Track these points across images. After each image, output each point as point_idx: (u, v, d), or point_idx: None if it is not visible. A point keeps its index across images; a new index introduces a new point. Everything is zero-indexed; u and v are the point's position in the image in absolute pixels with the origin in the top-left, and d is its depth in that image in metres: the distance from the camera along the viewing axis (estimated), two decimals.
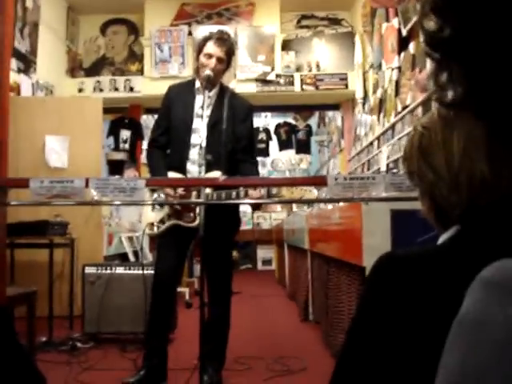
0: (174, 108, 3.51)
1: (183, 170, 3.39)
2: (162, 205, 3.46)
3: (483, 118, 0.51)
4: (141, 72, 8.72)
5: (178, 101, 3.52)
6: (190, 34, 8.58)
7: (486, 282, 0.45)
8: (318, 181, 3.10)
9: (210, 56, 3.38)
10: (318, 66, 8.65)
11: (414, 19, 5.40)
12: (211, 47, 3.38)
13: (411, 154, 1.13)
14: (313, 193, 2.95)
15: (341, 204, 3.76)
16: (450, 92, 0.52)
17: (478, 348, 0.43)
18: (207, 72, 3.34)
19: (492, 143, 0.57)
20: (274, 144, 11.49)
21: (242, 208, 3.92)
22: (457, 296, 0.51)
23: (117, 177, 3.60)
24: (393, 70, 6.34)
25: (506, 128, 0.49)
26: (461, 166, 1.01)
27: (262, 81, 8.47)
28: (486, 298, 0.44)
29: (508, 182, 0.92)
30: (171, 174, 3.38)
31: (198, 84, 3.50)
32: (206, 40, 3.42)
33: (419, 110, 5.21)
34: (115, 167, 8.56)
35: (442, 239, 1.03)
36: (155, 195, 3.44)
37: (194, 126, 3.43)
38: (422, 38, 0.54)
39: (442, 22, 0.50)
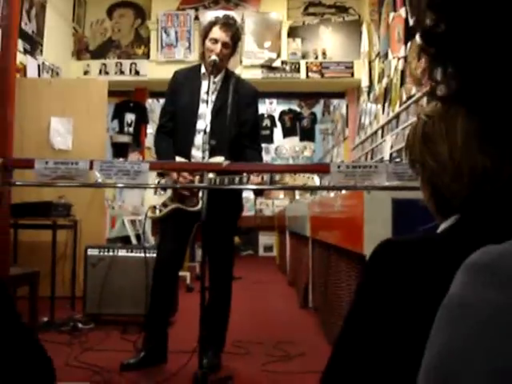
0: (179, 93, 3.51)
1: (188, 156, 3.40)
2: (165, 189, 3.47)
3: (475, 114, 0.52)
4: (147, 56, 8.71)
5: (183, 86, 3.52)
6: (196, 18, 8.56)
7: (471, 266, 0.47)
8: (321, 168, 3.12)
9: (215, 41, 3.38)
10: (324, 53, 8.63)
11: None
12: (217, 32, 3.38)
13: (414, 142, 1.13)
14: (314, 181, 2.96)
15: (343, 192, 3.77)
16: (444, 86, 0.53)
17: (461, 328, 0.44)
18: (213, 57, 3.34)
19: (487, 138, 0.59)
20: (278, 131, 11.50)
21: (244, 194, 3.93)
22: (450, 282, 0.52)
23: (121, 159, 3.61)
24: (399, 59, 6.33)
25: (499, 124, 0.50)
26: (463, 155, 1.02)
27: (268, 67, 8.46)
28: (470, 280, 0.46)
29: (509, 173, 0.94)
30: (176, 159, 3.39)
31: (203, 69, 3.50)
32: (211, 25, 3.42)
33: (424, 100, 5.21)
34: (120, 150, 8.56)
35: (441, 227, 1.04)
36: (162, 180, 3.46)
37: (199, 111, 3.44)
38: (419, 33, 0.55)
39: (437, 18, 0.51)
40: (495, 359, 0.41)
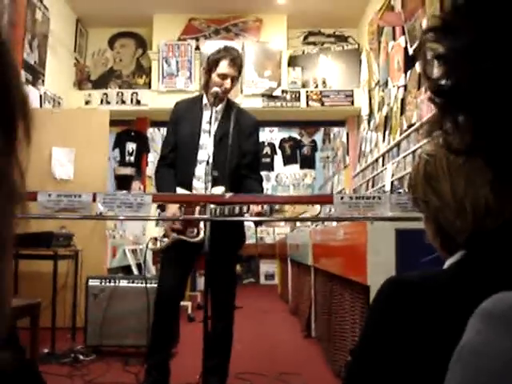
0: (181, 124, 3.52)
1: (189, 186, 3.40)
2: (165, 220, 3.46)
3: (493, 166, 0.52)
4: (148, 85, 8.77)
5: (185, 117, 3.53)
6: (197, 48, 8.64)
7: (485, 314, 0.47)
8: (324, 199, 3.12)
9: (224, 76, 3.39)
10: (324, 82, 8.68)
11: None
12: (226, 68, 3.39)
13: (416, 181, 1.14)
14: (315, 208, 2.95)
15: (346, 222, 3.77)
16: (456, 137, 0.53)
17: (476, 378, 0.44)
18: (215, 89, 3.36)
19: (497, 184, 0.58)
20: (278, 158, 11.52)
21: (245, 222, 3.92)
22: (460, 325, 0.52)
23: (124, 192, 3.61)
24: (399, 88, 6.37)
25: None
26: (465, 192, 1.03)
27: (268, 96, 8.51)
28: (486, 329, 0.45)
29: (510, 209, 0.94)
30: (178, 191, 3.39)
31: (205, 100, 3.51)
32: (218, 60, 3.41)
33: (424, 129, 5.23)
34: (123, 182, 8.59)
35: (447, 264, 1.04)
36: (161, 213, 3.45)
37: (201, 141, 3.44)
38: (426, 85, 0.55)
39: (446, 69, 0.51)
40: None
